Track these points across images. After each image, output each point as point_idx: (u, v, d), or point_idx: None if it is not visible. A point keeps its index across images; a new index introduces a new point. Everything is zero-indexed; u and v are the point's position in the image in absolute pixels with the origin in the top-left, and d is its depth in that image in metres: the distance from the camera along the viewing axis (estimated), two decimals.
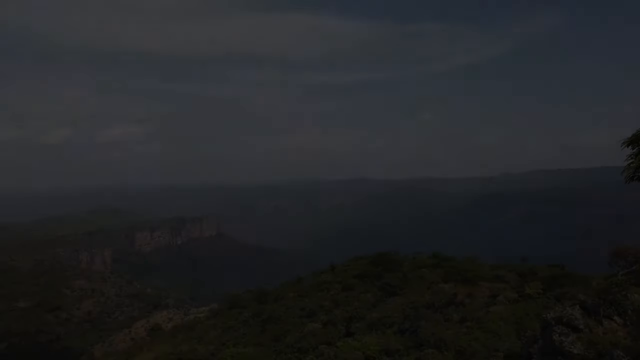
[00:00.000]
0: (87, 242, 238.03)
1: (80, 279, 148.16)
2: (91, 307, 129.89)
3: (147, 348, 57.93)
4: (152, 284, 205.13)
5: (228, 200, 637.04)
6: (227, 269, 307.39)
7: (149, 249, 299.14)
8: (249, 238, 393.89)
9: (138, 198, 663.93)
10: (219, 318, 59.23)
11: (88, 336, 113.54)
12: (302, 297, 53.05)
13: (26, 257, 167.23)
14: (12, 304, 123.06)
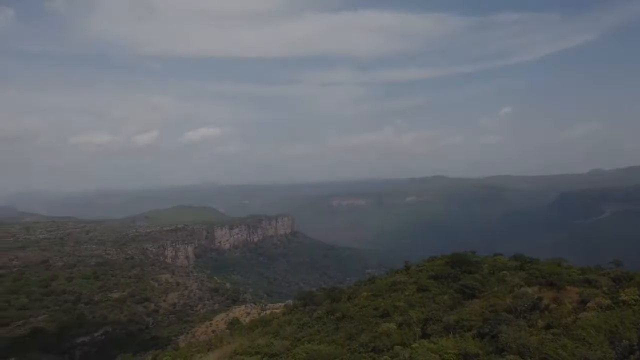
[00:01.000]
0: (172, 238, 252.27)
1: (166, 272, 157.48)
2: (176, 300, 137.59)
3: (226, 341, 60.28)
4: (230, 279, 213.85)
5: (303, 199, 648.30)
6: (301, 267, 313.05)
7: (227, 245, 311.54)
8: (322, 236, 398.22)
9: (217, 196, 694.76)
10: (294, 314, 60.33)
11: (173, 327, 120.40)
12: (376, 296, 52.59)
13: (119, 251, 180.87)
14: (107, 295, 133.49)
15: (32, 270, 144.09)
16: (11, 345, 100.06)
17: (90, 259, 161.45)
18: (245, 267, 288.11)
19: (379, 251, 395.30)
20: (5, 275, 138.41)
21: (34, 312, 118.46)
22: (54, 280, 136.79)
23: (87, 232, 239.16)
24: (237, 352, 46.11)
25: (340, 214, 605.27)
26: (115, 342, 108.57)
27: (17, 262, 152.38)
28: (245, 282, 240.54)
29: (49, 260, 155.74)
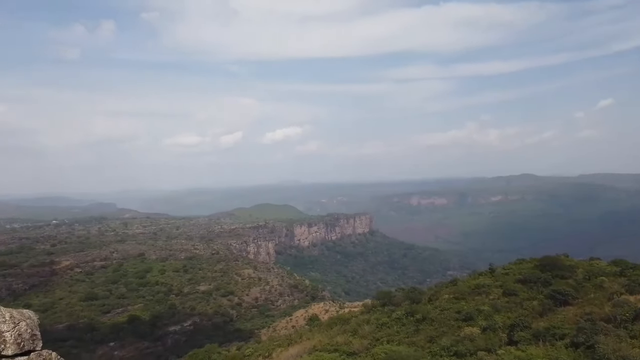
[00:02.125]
0: (254, 235, 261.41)
1: (249, 268, 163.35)
2: (258, 294, 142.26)
3: (306, 337, 61.12)
4: (309, 276, 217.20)
5: (381, 198, 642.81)
6: (379, 266, 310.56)
7: (306, 243, 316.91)
8: (401, 235, 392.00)
9: (297, 195, 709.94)
10: (372, 314, 59.73)
11: (255, 320, 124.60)
12: (458, 299, 50.65)
13: (205, 247, 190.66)
14: (195, 287, 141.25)
15: (129, 262, 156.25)
16: (112, 330, 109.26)
17: (180, 253, 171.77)
18: (323, 265, 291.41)
19: (461, 252, 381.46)
20: (107, 266, 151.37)
21: (131, 301, 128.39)
22: (149, 272, 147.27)
23: (177, 228, 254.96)
24: (317, 349, 46.49)
25: (420, 213, 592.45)
26: (202, 332, 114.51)
27: (116, 254, 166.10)
28: (324, 280, 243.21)
29: (144, 253, 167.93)
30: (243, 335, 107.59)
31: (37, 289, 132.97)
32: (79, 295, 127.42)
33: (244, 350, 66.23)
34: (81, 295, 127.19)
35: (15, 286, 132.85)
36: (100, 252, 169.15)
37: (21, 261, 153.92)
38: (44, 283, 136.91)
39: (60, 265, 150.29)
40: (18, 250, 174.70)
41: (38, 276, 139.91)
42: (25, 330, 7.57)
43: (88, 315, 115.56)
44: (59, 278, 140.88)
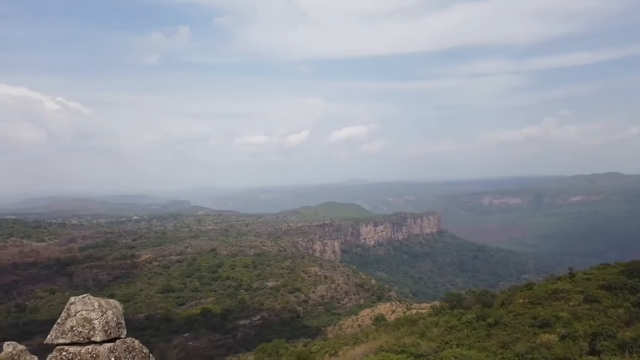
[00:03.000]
0: (320, 233, 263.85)
1: (315, 265, 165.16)
2: (324, 292, 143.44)
3: (372, 336, 60.76)
4: (375, 276, 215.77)
5: (450, 197, 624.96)
6: (448, 267, 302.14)
7: (372, 242, 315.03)
8: (472, 236, 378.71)
9: (363, 193, 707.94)
10: (441, 316, 58.18)
11: (321, 318, 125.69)
12: (534, 304, 48.06)
13: (273, 244, 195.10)
14: (264, 283, 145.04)
15: (202, 257, 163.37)
16: (186, 321, 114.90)
17: (249, 250, 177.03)
18: (389, 265, 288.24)
19: (537, 255, 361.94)
20: (182, 260, 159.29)
21: (204, 294, 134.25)
22: (220, 267, 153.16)
23: (246, 225, 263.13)
24: (383, 349, 46.06)
25: (492, 213, 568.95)
26: (270, 327, 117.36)
27: (190, 249, 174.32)
28: (390, 280, 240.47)
29: (216, 249, 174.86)
30: (309, 332, 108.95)
31: (120, 281, 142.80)
32: (156, 288, 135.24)
33: (311, 346, 66.98)
34: (159, 288, 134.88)
35: (100, 277, 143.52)
36: (175, 247, 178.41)
37: (106, 254, 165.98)
38: (125, 275, 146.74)
39: (140, 258, 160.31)
40: (103, 244, 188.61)
41: (121, 268, 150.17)
42: (111, 319, 8.09)
43: (165, 307, 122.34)
44: (139, 271, 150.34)
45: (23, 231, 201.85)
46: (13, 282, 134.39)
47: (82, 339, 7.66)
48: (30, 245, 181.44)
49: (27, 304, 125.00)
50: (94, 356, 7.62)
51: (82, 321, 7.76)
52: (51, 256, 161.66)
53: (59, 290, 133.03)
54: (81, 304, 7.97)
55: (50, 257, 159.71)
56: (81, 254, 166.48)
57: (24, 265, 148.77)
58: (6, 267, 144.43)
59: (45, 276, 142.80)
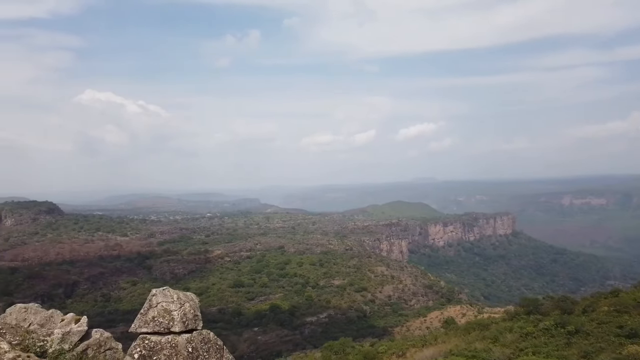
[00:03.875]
0: (387, 232, 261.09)
1: (382, 265, 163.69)
2: (391, 292, 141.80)
3: (441, 339, 59.20)
4: (444, 277, 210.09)
5: (526, 197, 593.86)
6: (523, 270, 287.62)
7: (441, 242, 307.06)
8: (550, 239, 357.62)
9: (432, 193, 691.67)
10: (516, 322, 55.45)
11: (388, 318, 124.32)
12: (621, 312, 44.51)
13: (339, 242, 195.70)
14: (330, 281, 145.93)
15: (271, 254, 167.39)
16: (256, 316, 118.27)
17: (316, 248, 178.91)
18: (459, 267, 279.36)
19: (624, 260, 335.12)
20: (252, 257, 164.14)
21: (273, 290, 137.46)
22: (288, 264, 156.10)
23: (313, 223, 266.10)
24: (453, 353, 44.71)
25: (572, 215, 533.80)
26: (336, 325, 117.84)
27: (259, 246, 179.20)
28: (460, 282, 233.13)
29: (284, 246, 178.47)
30: (376, 332, 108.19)
31: (194, 274, 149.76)
32: (228, 282, 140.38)
33: (378, 346, 66.45)
34: (230, 282, 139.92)
35: (177, 271, 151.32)
36: (245, 243, 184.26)
37: (181, 249, 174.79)
38: (199, 269, 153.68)
39: (213, 254, 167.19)
40: (179, 239, 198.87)
41: (195, 263, 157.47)
42: (189, 311, 8.44)
43: (235, 301, 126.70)
44: (211, 265, 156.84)
45: (108, 226, 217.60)
46: (99, 273, 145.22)
47: (163, 329, 8.05)
48: (115, 239, 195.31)
49: (112, 294, 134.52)
50: (174, 345, 7.98)
51: (162, 312, 8.16)
52: (133, 250, 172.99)
53: (139, 282, 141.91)
54: (162, 295, 8.39)
55: (132, 251, 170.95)
56: (159, 249, 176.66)
57: (109, 257, 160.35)
58: (94, 260, 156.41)
59: (127, 268, 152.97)
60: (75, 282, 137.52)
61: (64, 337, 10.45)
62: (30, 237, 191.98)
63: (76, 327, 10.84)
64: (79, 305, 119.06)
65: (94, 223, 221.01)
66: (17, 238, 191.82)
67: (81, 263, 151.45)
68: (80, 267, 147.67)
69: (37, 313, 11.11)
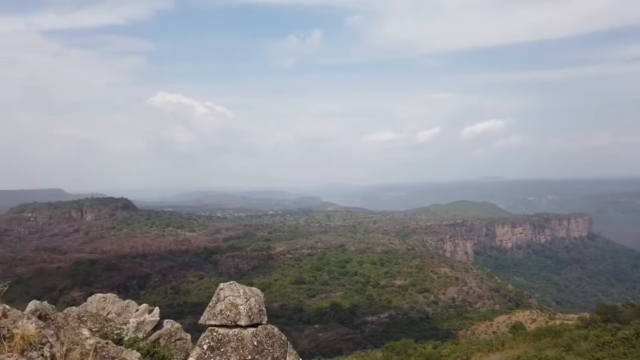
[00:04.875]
0: (451, 232, 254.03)
1: (445, 266, 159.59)
2: (455, 294, 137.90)
3: (509, 345, 56.75)
4: (512, 281, 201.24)
5: (604, 197, 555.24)
6: (600, 275, 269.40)
7: (509, 244, 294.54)
8: (632, 242, 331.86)
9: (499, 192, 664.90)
10: (591, 330, 52.02)
11: (452, 320, 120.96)
12: None
13: (401, 242, 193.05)
14: (391, 281, 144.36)
15: (331, 252, 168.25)
16: (316, 313, 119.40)
17: (376, 247, 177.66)
18: (529, 270, 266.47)
19: None
20: (313, 254, 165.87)
21: (333, 288, 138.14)
22: (348, 263, 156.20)
23: (374, 222, 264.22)
24: (521, 359, 42.74)
25: None
26: (398, 325, 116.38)
27: (320, 244, 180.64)
28: (530, 286, 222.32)
29: (344, 244, 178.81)
30: (439, 334, 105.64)
31: (257, 270, 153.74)
32: (289, 279, 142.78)
33: (441, 349, 64.88)
34: (291, 279, 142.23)
35: (241, 266, 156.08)
36: (307, 241, 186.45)
37: (245, 245, 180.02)
38: (262, 265, 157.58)
39: (275, 250, 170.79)
40: (243, 236, 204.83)
41: (258, 259, 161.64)
42: (254, 305, 8.58)
43: (297, 298, 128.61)
44: (273, 262, 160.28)
45: (178, 222, 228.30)
46: (169, 267, 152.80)
47: (229, 322, 8.24)
48: (184, 234, 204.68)
49: (180, 287, 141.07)
50: (240, 339, 8.14)
51: (229, 306, 8.36)
52: (200, 245, 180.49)
53: (206, 276, 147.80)
54: (229, 290, 8.59)
55: (199, 246, 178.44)
56: (225, 244, 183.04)
57: (178, 252, 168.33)
58: (164, 254, 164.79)
59: (195, 263, 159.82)
60: (148, 275, 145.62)
61: (139, 326, 11.03)
62: (107, 231, 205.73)
63: (149, 317, 11.40)
64: (151, 296, 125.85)
65: (165, 219, 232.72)
66: (96, 232, 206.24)
67: (153, 257, 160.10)
68: (152, 260, 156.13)
69: (115, 303, 11.80)
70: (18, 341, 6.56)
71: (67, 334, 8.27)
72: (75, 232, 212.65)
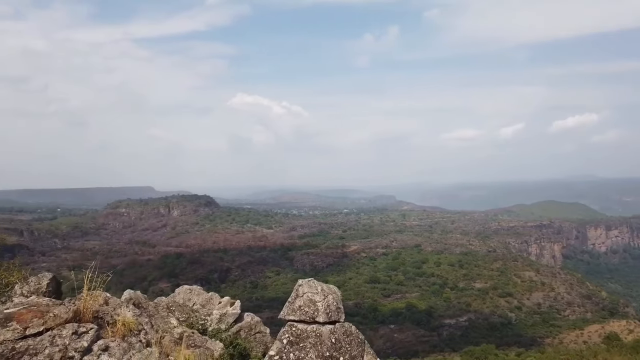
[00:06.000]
0: (536, 234, 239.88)
1: (530, 270, 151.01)
2: (541, 300, 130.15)
3: (602, 356, 52.47)
4: (607, 287, 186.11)
5: None
6: None
7: (603, 248, 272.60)
8: None
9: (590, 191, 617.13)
10: None
11: (537, 328, 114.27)
12: None
13: (481, 243, 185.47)
14: (471, 284, 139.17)
15: (407, 252, 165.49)
16: (391, 313, 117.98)
17: (455, 248, 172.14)
18: (626, 276, 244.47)
19: None
20: (387, 254, 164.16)
21: (409, 289, 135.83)
22: (424, 263, 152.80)
23: (452, 222, 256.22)
24: None
25: None
26: (477, 330, 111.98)
27: (395, 243, 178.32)
28: (627, 294, 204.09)
29: (420, 244, 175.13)
30: (523, 341, 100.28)
31: (332, 268, 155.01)
32: (364, 278, 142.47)
33: (525, 357, 61.57)
34: (366, 278, 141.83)
35: (316, 263, 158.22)
36: (381, 240, 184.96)
37: (320, 243, 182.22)
38: (336, 263, 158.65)
39: (349, 249, 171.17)
40: (318, 234, 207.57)
41: (332, 257, 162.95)
42: (332, 303, 8.59)
43: (371, 297, 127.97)
44: (348, 260, 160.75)
45: (256, 219, 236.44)
46: (248, 262, 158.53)
47: (308, 318, 8.32)
48: (261, 231, 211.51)
49: (258, 281, 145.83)
50: (318, 335, 8.18)
51: (308, 302, 8.43)
52: (277, 242, 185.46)
53: (282, 272, 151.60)
54: (307, 286, 8.68)
55: (276, 243, 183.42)
56: (300, 242, 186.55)
57: (256, 248, 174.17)
58: (243, 249, 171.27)
59: (272, 259, 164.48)
60: (228, 269, 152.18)
61: (221, 317, 11.54)
62: (192, 226, 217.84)
63: (231, 310, 11.88)
64: (231, 290, 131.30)
65: (244, 216, 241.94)
66: (181, 227, 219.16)
67: (233, 252, 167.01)
68: (232, 255, 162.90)
69: (200, 294, 12.43)
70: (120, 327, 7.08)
71: (158, 322, 8.79)
72: (163, 226, 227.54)
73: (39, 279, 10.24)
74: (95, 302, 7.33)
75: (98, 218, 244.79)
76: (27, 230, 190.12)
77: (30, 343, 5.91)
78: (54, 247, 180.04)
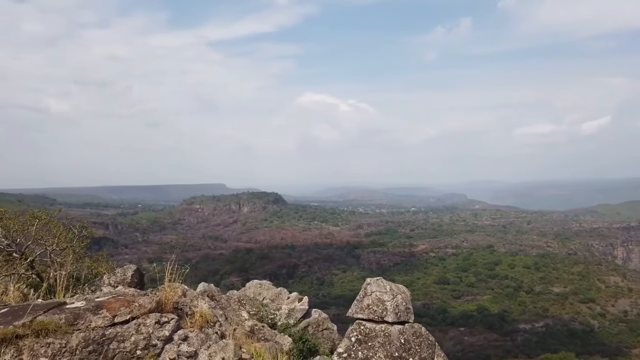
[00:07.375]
0: (624, 237, 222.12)
1: (616, 275, 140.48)
2: (627, 307, 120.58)
3: None
4: None
5: None
6: None
7: None
8: None
9: None
10: None
11: (623, 336, 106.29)
12: None
13: (560, 245, 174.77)
14: (548, 287, 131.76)
15: (478, 252, 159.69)
16: (461, 315, 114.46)
17: (531, 249, 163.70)
18: None
19: None
20: (458, 254, 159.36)
21: (480, 291, 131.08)
22: (498, 265, 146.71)
23: (528, 222, 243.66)
24: None
25: None
26: (555, 336, 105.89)
27: (466, 244, 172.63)
28: None
29: (493, 245, 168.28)
30: (607, 350, 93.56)
31: (399, 267, 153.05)
32: (432, 278, 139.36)
33: None
34: (434, 278, 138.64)
35: (382, 262, 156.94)
36: (451, 240, 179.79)
37: (387, 241, 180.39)
38: (404, 262, 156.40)
39: (417, 248, 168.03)
40: (385, 232, 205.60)
41: (400, 256, 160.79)
42: (401, 302, 8.49)
43: (440, 298, 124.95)
44: (415, 260, 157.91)
45: (322, 216, 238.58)
46: (315, 258, 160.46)
47: (376, 317, 8.28)
48: (328, 228, 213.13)
49: (325, 278, 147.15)
50: (387, 335, 8.12)
51: (376, 301, 8.40)
52: (343, 239, 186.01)
53: (349, 270, 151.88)
54: (375, 285, 8.64)
55: (342, 240, 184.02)
56: (367, 240, 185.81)
57: (323, 245, 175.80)
58: (310, 246, 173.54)
59: (338, 256, 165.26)
60: (295, 265, 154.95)
61: (290, 313, 11.80)
62: (261, 222, 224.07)
63: (300, 305, 12.10)
64: (299, 286, 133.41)
65: (311, 213, 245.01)
66: (251, 223, 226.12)
67: (300, 248, 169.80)
68: (299, 251, 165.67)
69: (269, 289, 12.78)
70: (198, 318, 7.48)
71: (230, 315, 9.16)
72: (234, 222, 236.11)
73: (124, 270, 11.09)
74: (175, 293, 7.77)
75: (175, 213, 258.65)
76: (112, 225, 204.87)
77: (118, 330, 6.38)
78: (135, 241, 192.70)
